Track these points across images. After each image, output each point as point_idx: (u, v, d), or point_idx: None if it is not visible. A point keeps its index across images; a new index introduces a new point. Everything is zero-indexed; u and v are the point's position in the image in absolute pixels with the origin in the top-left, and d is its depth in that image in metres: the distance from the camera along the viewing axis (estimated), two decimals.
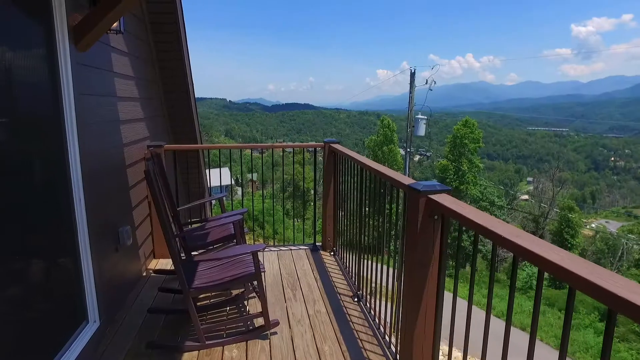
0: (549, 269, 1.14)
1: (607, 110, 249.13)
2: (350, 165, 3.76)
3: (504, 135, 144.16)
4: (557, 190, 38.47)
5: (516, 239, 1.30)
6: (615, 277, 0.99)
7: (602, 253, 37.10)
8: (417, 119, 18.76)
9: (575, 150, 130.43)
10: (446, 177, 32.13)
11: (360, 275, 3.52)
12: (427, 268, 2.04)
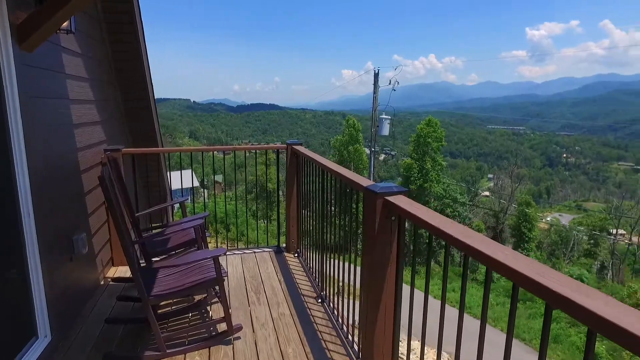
0: (495, 267, 1.19)
1: (559, 110, 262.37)
2: (312, 167, 3.77)
3: (466, 133, 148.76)
4: (516, 186, 40.05)
5: (466, 239, 1.35)
6: (552, 273, 1.05)
7: (556, 245, 39.03)
8: (381, 118, 19.05)
9: (532, 148, 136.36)
10: (410, 175, 32.76)
11: (324, 276, 3.54)
12: (386, 268, 2.08)
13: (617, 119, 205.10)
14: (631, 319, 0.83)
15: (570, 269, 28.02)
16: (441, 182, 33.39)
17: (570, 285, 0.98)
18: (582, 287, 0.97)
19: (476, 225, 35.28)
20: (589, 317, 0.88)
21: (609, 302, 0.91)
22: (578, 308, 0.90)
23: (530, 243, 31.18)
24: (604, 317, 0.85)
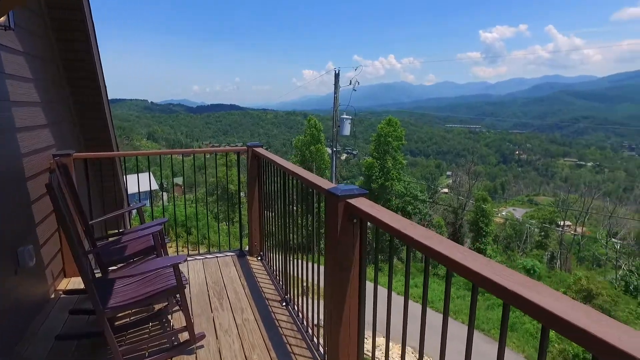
0: (454, 267, 1.22)
1: (511, 109, 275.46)
2: (273, 169, 3.74)
3: (425, 132, 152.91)
4: (473, 183, 41.54)
5: (426, 240, 1.37)
6: (508, 272, 1.08)
7: (511, 238, 40.86)
8: (342, 118, 19.19)
9: (487, 146, 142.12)
10: (372, 174, 33.25)
11: (288, 279, 3.52)
12: (349, 271, 2.08)
13: (562, 118, 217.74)
14: (578, 313, 0.87)
15: (524, 261, 29.40)
16: (402, 180, 34.08)
17: (524, 283, 1.01)
18: (535, 285, 1.00)
19: (436, 221, 36.30)
20: (541, 314, 0.91)
21: (558, 298, 0.94)
22: (531, 305, 0.94)
23: (487, 237, 32.41)
24: (554, 312, 0.88)
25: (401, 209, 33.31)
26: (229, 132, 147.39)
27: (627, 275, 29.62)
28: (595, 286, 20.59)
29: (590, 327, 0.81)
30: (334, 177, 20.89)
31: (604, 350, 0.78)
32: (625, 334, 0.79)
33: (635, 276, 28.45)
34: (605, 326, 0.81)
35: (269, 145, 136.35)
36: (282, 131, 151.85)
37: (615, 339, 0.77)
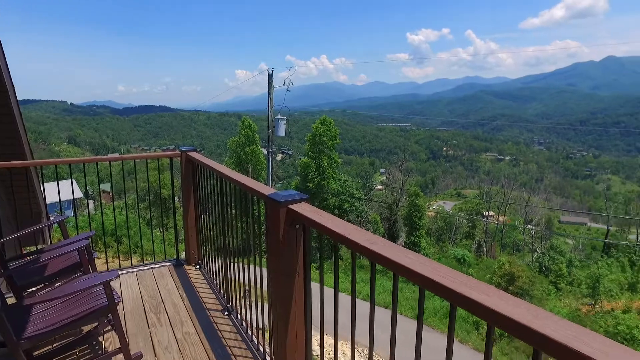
0: (401, 271, 1.23)
1: (438, 108, 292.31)
2: (209, 174, 3.60)
3: (358, 131, 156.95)
4: (405, 179, 43.29)
5: (372, 245, 1.37)
6: (452, 274, 1.11)
7: (443, 230, 43.21)
8: (277, 119, 19.09)
9: (417, 143, 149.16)
10: (308, 174, 33.46)
11: (229, 287, 3.41)
12: (293, 277, 2.05)
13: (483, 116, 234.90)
14: (521, 309, 0.91)
15: (455, 251, 31.25)
16: (338, 178, 34.67)
17: (470, 284, 1.04)
18: (479, 285, 1.04)
19: (372, 217, 37.40)
20: (487, 313, 0.94)
21: (502, 296, 0.98)
22: (478, 306, 0.97)
23: (421, 230, 33.96)
24: (499, 311, 0.92)
25: (338, 207, 33.88)
26: (160, 135, 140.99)
27: (540, 257, 32.60)
28: (517, 269, 22.37)
29: (532, 323, 0.85)
30: (270, 178, 20.73)
31: (542, 343, 0.83)
32: (562, 327, 0.83)
33: (546, 257, 31.38)
34: (543, 319, 0.86)
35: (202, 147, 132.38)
36: (215, 132, 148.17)
37: (553, 332, 0.81)
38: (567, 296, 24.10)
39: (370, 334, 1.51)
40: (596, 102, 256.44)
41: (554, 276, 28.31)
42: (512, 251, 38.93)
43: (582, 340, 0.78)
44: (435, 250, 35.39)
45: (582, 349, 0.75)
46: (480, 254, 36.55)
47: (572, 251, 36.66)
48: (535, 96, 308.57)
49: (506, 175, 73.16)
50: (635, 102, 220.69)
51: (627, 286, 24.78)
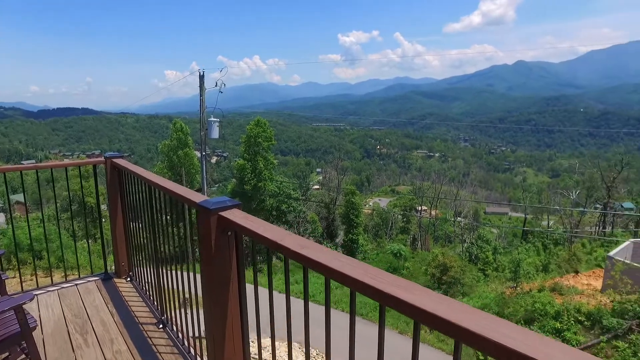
0: (332, 275, 1.26)
1: (370, 108, 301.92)
2: (138, 182, 3.43)
3: (294, 131, 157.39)
4: (341, 178, 44.11)
5: (304, 250, 1.39)
6: (383, 275, 1.17)
7: (379, 226, 44.62)
8: (210, 121, 18.61)
9: (352, 142, 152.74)
10: (244, 176, 32.97)
11: (163, 298, 3.28)
12: (228, 285, 2.02)
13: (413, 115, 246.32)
14: (442, 305, 0.98)
15: (391, 246, 32.33)
16: (274, 180, 34.51)
17: (398, 284, 1.10)
18: (408, 285, 1.10)
19: (311, 217, 37.67)
20: (413, 311, 1.00)
21: (426, 294, 1.05)
22: (403, 304, 1.02)
23: (358, 228, 34.76)
24: (423, 308, 0.98)
25: (276, 208, 33.74)
26: (84, 139, 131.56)
27: (469, 247, 34.83)
28: (449, 260, 23.67)
29: (452, 317, 0.92)
30: (205, 181, 20.16)
31: (461, 335, 0.90)
32: (477, 318, 0.91)
33: (475, 247, 33.59)
34: (461, 313, 0.94)
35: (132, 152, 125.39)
36: (145, 136, 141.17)
37: (470, 324, 0.89)
38: (494, 281, 25.92)
39: (305, 337, 1.53)
40: (511, 101, 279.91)
41: (482, 264, 30.34)
42: (445, 243, 41.14)
43: (493, 328, 0.86)
44: (373, 247, 36.43)
45: (492, 337, 0.83)
46: (416, 247, 38.21)
47: (496, 239, 39.48)
48: (459, 96, 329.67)
49: (436, 171, 77.14)
50: (543, 103, 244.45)
51: (541, 268, 27.22)
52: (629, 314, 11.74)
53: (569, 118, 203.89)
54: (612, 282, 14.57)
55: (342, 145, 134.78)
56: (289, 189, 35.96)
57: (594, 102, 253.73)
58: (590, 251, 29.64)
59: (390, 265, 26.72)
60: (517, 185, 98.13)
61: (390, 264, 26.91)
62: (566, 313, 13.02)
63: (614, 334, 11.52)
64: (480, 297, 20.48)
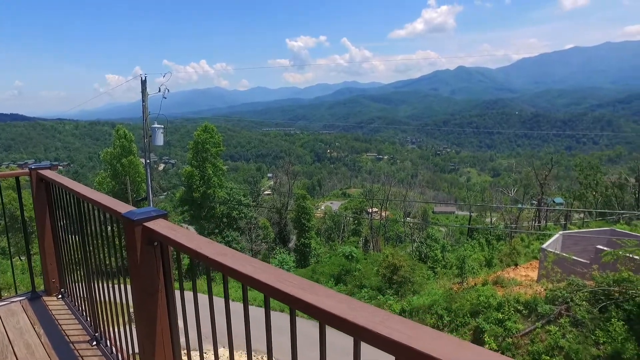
0: (247, 281, 1.28)
1: (320, 112, 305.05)
2: (65, 194, 3.27)
3: (243, 137, 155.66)
4: (292, 182, 44.12)
5: (220, 257, 1.40)
6: (292, 278, 1.20)
7: (332, 229, 45.04)
8: (153, 128, 17.98)
9: (302, 146, 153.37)
10: (193, 183, 32.16)
11: (97, 314, 3.13)
12: (155, 296, 1.99)
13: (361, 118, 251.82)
14: (342, 305, 1.03)
15: (343, 248, 32.71)
16: (224, 186, 33.93)
17: (304, 286, 1.13)
18: (312, 287, 1.13)
19: (262, 223, 37.34)
20: (316, 312, 1.04)
21: (329, 295, 1.09)
22: (309, 306, 1.06)
23: (310, 232, 34.92)
24: (324, 309, 1.02)
25: (226, 215, 33.17)
26: (13, 148, 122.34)
27: (419, 246, 35.99)
28: (399, 260, 24.27)
29: (349, 315, 0.96)
30: (150, 189, 19.44)
31: (357, 332, 0.95)
32: (372, 315, 0.96)
33: (424, 246, 34.76)
34: (358, 310, 0.98)
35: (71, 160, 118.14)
36: (86, 143, 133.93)
37: (363, 321, 0.94)
38: (442, 278, 26.93)
39: (229, 344, 1.54)
40: (453, 105, 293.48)
41: (431, 262, 31.44)
42: (396, 243, 42.21)
43: (386, 324, 0.91)
44: (326, 250, 36.70)
45: (383, 332, 0.88)
46: (368, 249, 38.91)
47: (444, 238, 41.10)
48: (406, 99, 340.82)
49: (385, 173, 79.13)
50: (483, 106, 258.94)
51: (485, 263, 28.68)
52: (559, 300, 12.65)
53: (506, 120, 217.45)
54: (545, 272, 15.62)
55: (292, 150, 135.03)
56: (239, 195, 35.49)
57: (526, 105, 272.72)
58: (528, 244, 31.64)
59: (342, 267, 27.04)
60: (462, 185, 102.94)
61: (342, 266, 27.23)
62: (507, 304, 13.78)
63: (547, 319, 12.34)
64: (429, 295, 21.20)
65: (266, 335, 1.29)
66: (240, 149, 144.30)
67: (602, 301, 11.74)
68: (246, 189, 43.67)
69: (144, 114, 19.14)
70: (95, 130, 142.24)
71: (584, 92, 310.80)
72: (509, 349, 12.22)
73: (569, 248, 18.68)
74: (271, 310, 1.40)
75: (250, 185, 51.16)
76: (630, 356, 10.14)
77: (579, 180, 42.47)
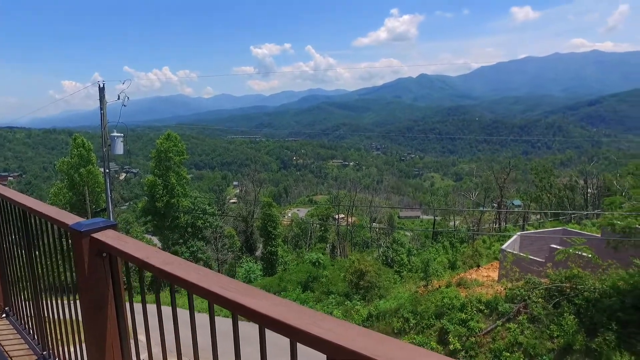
0: (189, 287, 1.27)
1: (285, 119, 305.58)
2: (9, 205, 3.11)
3: (208, 145, 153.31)
4: (258, 190, 43.79)
5: (166, 266, 1.39)
6: (234, 284, 1.20)
7: (299, 236, 44.93)
8: (113, 136, 17.42)
9: (268, 154, 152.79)
10: (155, 193, 31.30)
11: (45, 331, 2.98)
12: (105, 309, 1.93)
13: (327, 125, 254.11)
14: (279, 307, 1.04)
15: (310, 255, 32.69)
16: (189, 195, 33.23)
17: (245, 291, 1.14)
18: (252, 291, 1.15)
19: (228, 231, 36.79)
20: (255, 315, 1.05)
21: (267, 298, 1.11)
22: (248, 310, 1.07)
23: (277, 239, 34.67)
24: (263, 312, 1.03)
25: (191, 224, 32.48)
26: None
27: (385, 250, 36.47)
28: (365, 265, 24.49)
29: (285, 318, 0.98)
30: (110, 200, 18.79)
31: (293, 333, 0.97)
32: (305, 316, 0.99)
33: (391, 250, 35.27)
34: (295, 312, 1.00)
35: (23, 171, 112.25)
36: (40, 153, 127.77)
37: (297, 322, 0.96)
38: (408, 281, 27.37)
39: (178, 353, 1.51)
40: (416, 111, 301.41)
41: (398, 266, 31.90)
42: (362, 248, 42.56)
43: (318, 325, 0.94)
44: (293, 257, 36.54)
45: (315, 332, 0.91)
46: (335, 255, 39.04)
47: (410, 242, 41.80)
48: (370, 107, 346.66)
49: (351, 179, 79.86)
50: (444, 112, 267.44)
51: (449, 265, 29.43)
52: (518, 298, 13.16)
53: (466, 126, 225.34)
54: (505, 272, 16.21)
55: (258, 157, 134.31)
56: (204, 204, 34.87)
57: (486, 112, 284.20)
58: (489, 246, 32.72)
59: (309, 274, 27.01)
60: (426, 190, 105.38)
61: (309, 273, 27.21)
62: (470, 304, 14.16)
63: (507, 317, 12.79)
64: (395, 298, 21.49)
65: (211, 343, 1.29)
66: (205, 157, 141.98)
67: (555, 297, 12.31)
68: (211, 197, 42.96)
69: (103, 122, 18.52)
70: (50, 139, 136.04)
71: (537, 100, 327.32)
72: (472, 348, 12.55)
73: (526, 248, 19.48)
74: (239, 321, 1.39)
75: (215, 193, 50.33)
76: (579, 347, 10.69)
77: (535, 183, 44.49)
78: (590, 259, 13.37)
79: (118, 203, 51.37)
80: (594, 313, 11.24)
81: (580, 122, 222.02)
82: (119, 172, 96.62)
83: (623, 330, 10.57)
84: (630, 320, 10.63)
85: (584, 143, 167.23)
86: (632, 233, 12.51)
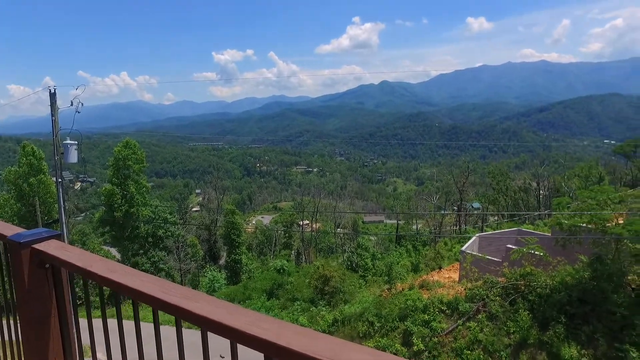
0: (135, 296, 1.25)
1: (249, 126, 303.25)
2: None
3: (169, 152, 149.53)
4: (221, 198, 43.11)
5: (111, 274, 1.35)
6: (176, 288, 1.19)
7: (264, 244, 44.53)
8: (66, 144, 16.67)
9: (231, 161, 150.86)
10: (113, 202, 30.15)
11: None
12: (48, 324, 1.84)
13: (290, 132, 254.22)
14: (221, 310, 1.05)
15: (274, 262, 32.46)
16: (149, 204, 32.24)
17: (187, 295, 1.14)
18: (195, 295, 1.14)
19: (190, 240, 35.95)
20: (198, 319, 1.05)
21: (209, 301, 1.11)
22: (191, 314, 1.07)
23: (241, 247, 34.21)
24: (204, 315, 1.03)
25: (152, 234, 31.52)
26: None
27: (350, 255, 36.73)
28: (329, 271, 24.59)
29: (227, 320, 0.99)
30: (63, 211, 17.93)
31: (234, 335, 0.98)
32: (245, 317, 1.00)
33: (355, 255, 35.57)
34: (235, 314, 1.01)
35: None
36: None
37: (238, 323, 0.97)
38: (373, 285, 27.68)
39: None
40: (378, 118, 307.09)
41: (362, 270, 32.16)
42: (327, 254, 42.70)
43: (257, 325, 0.95)
44: (258, 265, 36.15)
45: (254, 332, 0.93)
46: (300, 261, 38.93)
47: (374, 246, 42.28)
48: (333, 113, 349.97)
49: (315, 185, 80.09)
50: (406, 119, 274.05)
51: (412, 268, 30.02)
52: (477, 297, 13.64)
53: (427, 132, 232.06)
54: (465, 273, 16.74)
55: (221, 165, 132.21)
56: (165, 213, 33.91)
57: (445, 118, 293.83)
58: (450, 248, 33.67)
59: (274, 281, 26.81)
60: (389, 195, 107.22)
61: (274, 280, 27.00)
62: (432, 305, 14.52)
63: (467, 316, 13.21)
64: (360, 303, 21.68)
65: (157, 353, 1.27)
66: (166, 164, 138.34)
67: (511, 295, 12.85)
68: (173, 206, 41.82)
69: (54, 128, 17.71)
70: None
71: (493, 106, 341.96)
72: (435, 348, 12.85)
73: (485, 249, 20.19)
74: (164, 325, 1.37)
75: (177, 202, 49.06)
76: (533, 341, 11.23)
77: (492, 186, 46.31)
78: (542, 257, 14.06)
79: (73, 214, 49.08)
80: (546, 308, 11.82)
81: (533, 127, 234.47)
82: (73, 181, 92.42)
83: (570, 322, 11.19)
84: (577, 313, 11.26)
85: (536, 147, 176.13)
86: (577, 231, 13.26)
